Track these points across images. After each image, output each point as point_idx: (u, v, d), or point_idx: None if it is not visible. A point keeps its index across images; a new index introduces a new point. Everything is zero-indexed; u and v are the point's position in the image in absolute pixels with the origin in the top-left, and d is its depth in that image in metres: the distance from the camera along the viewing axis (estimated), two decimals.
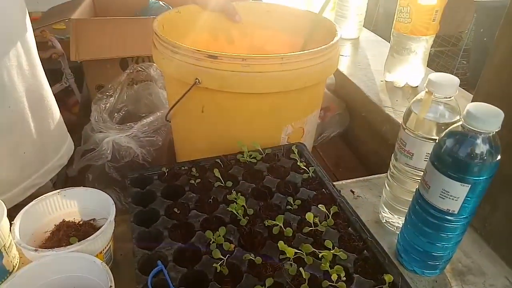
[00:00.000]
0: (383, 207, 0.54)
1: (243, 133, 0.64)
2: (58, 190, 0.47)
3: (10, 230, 0.42)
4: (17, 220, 0.42)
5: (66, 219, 0.48)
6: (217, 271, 0.42)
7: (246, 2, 0.84)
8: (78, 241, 0.45)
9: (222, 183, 0.54)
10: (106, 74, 1.02)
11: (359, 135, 0.97)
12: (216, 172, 0.55)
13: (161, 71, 0.74)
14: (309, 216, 0.47)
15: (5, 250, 0.43)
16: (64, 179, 0.80)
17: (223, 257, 0.43)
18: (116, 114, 0.84)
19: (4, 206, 0.43)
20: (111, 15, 1.13)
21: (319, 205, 0.49)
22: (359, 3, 1.16)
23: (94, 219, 0.49)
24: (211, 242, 0.45)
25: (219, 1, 0.79)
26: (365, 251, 0.44)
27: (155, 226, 0.48)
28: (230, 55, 0.57)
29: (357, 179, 0.64)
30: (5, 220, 0.42)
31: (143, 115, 0.87)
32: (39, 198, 0.45)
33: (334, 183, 0.55)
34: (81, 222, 0.48)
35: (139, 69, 0.83)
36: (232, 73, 0.58)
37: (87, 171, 0.79)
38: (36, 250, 0.39)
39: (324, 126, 0.95)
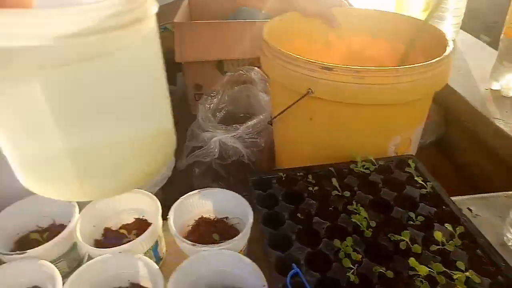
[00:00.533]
0: (510, 230, 0.53)
1: (351, 141, 0.66)
2: (198, 190, 0.52)
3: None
4: (171, 215, 0.48)
5: (204, 216, 0.53)
6: (350, 279, 0.45)
7: (344, 8, 0.85)
8: (219, 238, 0.50)
9: (339, 192, 0.57)
10: (203, 74, 1.08)
11: (457, 145, 0.93)
12: (334, 182, 0.57)
13: (268, 77, 0.78)
14: (438, 235, 0.48)
15: (159, 240, 0.49)
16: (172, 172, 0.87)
17: (353, 267, 0.46)
18: (218, 113, 0.89)
19: (159, 204, 0.49)
20: (205, 18, 1.19)
21: (445, 224, 0.50)
22: (458, 4, 1.11)
23: (227, 217, 0.53)
24: (339, 251, 0.48)
25: (318, 8, 0.80)
26: (499, 276, 0.44)
27: (283, 229, 0.51)
28: (344, 67, 0.59)
29: (472, 196, 0.62)
30: (160, 215, 0.49)
31: (241, 115, 0.91)
32: (184, 196, 0.51)
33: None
34: (215, 219, 0.53)
35: (241, 71, 0.88)
36: (345, 85, 0.59)
37: (193, 165, 0.85)
38: (194, 245, 0.44)
39: None
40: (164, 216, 0.49)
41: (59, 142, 0.26)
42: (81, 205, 0.50)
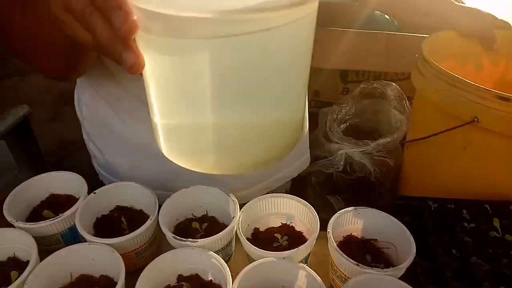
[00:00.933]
0: None
1: (509, 180, 0.60)
2: (354, 208, 0.51)
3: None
4: (330, 229, 0.48)
5: (353, 234, 0.52)
6: None
7: (504, 30, 0.78)
8: (372, 260, 0.49)
9: (498, 234, 0.52)
10: (324, 81, 1.07)
11: None
12: (496, 222, 0.53)
13: (418, 96, 0.74)
14: None
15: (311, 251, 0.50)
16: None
17: None
18: (342, 124, 0.88)
19: (317, 215, 0.50)
20: (329, 25, 1.17)
21: None
22: None
23: (375, 240, 0.52)
24: None
25: (480, 28, 0.75)
26: None
27: (437, 264, 0.49)
28: None
29: None
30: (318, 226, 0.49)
31: (366, 130, 0.89)
32: (341, 211, 0.51)
33: None
34: (363, 239, 0.52)
35: (375, 85, 0.85)
36: None
37: (310, 173, 0.86)
38: (357, 265, 0.43)
39: None
40: None
41: (209, 116, 0.27)
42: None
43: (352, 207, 0.52)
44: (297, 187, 0.90)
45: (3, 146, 1.20)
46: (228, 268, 0.44)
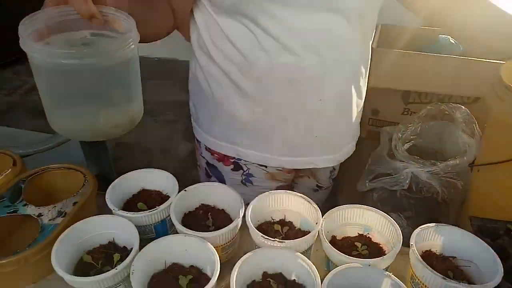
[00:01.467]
0: None
1: None
2: (436, 224, 0.53)
3: None
4: (413, 242, 0.50)
5: (431, 250, 0.54)
6: None
7: None
8: (453, 277, 0.50)
9: None
10: (384, 100, 1.09)
11: None
12: None
13: (495, 121, 0.74)
14: None
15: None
16: (352, 192, 0.90)
17: None
18: (405, 144, 0.89)
19: (399, 229, 0.52)
20: (393, 46, 1.19)
21: None
22: None
23: (454, 257, 0.53)
24: None
25: None
26: None
27: None
28: None
29: None
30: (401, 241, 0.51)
31: (431, 149, 0.90)
32: (423, 226, 0.52)
33: None
34: (442, 256, 0.53)
35: (443, 107, 0.86)
36: None
37: (373, 189, 0.87)
38: (444, 278, 0.45)
39: None
40: None
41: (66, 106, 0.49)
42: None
43: (434, 224, 0.53)
44: (359, 202, 0.91)
45: (75, 144, 1.30)
46: (316, 269, 0.47)
